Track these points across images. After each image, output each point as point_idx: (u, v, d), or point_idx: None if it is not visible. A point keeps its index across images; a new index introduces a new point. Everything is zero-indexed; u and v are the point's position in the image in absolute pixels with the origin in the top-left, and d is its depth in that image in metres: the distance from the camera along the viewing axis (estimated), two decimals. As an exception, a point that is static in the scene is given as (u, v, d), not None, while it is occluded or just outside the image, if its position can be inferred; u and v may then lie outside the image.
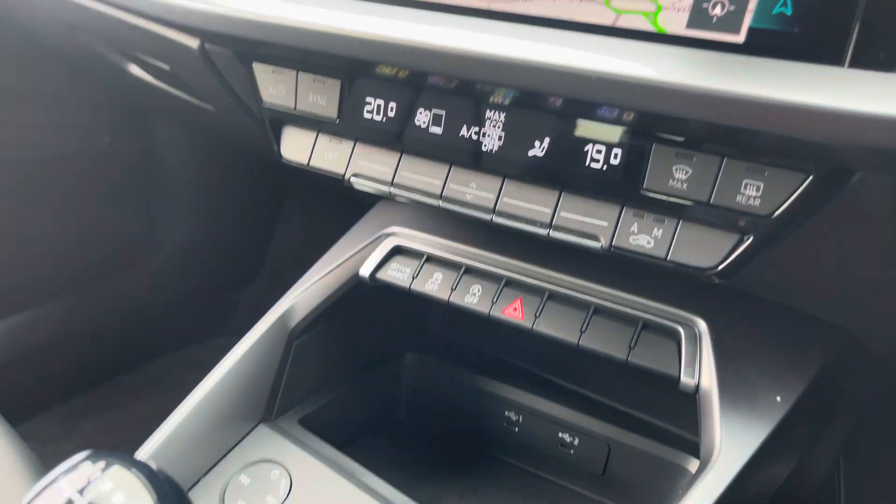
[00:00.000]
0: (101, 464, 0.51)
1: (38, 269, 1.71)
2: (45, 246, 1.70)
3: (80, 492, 0.49)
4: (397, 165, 0.81)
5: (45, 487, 0.50)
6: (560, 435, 1.01)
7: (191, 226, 1.96)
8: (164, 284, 1.96)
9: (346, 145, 0.84)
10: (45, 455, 1.00)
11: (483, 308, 0.86)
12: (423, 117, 0.76)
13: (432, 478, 1.02)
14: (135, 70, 1.20)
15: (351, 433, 1.03)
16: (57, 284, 1.76)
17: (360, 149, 0.83)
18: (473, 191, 0.76)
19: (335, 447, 0.88)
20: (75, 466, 0.51)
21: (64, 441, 1.73)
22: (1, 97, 1.51)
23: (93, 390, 1.90)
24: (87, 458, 0.52)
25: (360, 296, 0.96)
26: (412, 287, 0.90)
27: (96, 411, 1.84)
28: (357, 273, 0.94)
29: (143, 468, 0.52)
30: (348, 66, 0.79)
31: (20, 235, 1.64)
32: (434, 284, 0.90)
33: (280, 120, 0.89)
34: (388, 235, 0.96)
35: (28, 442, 1.02)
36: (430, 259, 0.92)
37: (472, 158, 0.75)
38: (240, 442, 0.87)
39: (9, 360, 1.69)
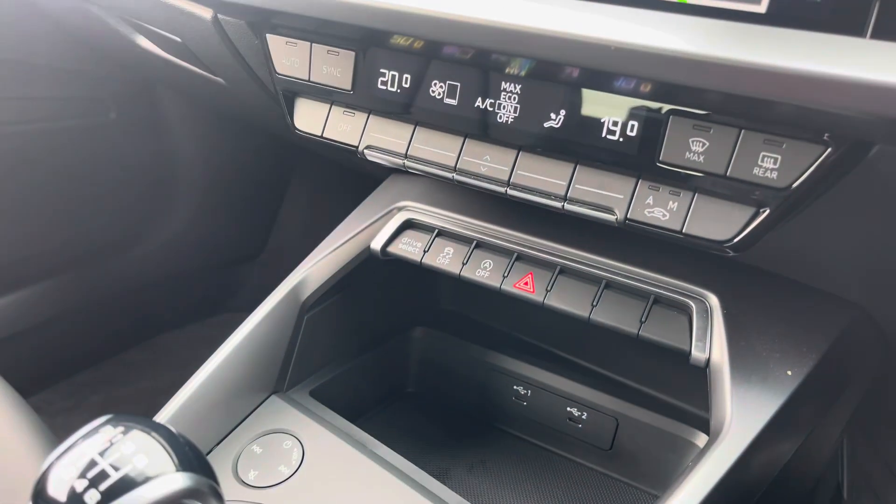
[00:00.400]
0: (122, 427, 0.52)
1: (46, 244, 1.72)
2: (53, 220, 1.70)
3: (102, 454, 0.49)
4: (411, 137, 0.81)
5: (67, 450, 0.50)
6: (568, 409, 1.01)
7: (197, 202, 1.96)
8: (171, 260, 1.97)
9: (360, 117, 0.84)
10: (54, 427, 1.01)
11: (494, 282, 0.86)
12: (437, 88, 0.76)
13: (441, 450, 1.03)
14: (144, 42, 1.19)
15: (361, 405, 1.03)
16: (64, 259, 1.76)
17: (374, 121, 0.83)
18: (488, 163, 0.76)
19: (346, 419, 0.89)
20: (96, 430, 0.51)
21: (73, 414, 1.74)
22: (7, 70, 1.51)
23: (101, 364, 1.91)
24: (107, 421, 0.52)
25: (371, 269, 0.96)
26: (423, 261, 0.91)
27: (104, 385, 1.86)
28: (368, 246, 0.94)
29: (163, 431, 0.52)
30: (363, 36, 0.79)
31: (27, 210, 1.64)
32: (445, 258, 0.90)
33: (293, 91, 0.88)
34: (399, 209, 0.96)
35: (38, 414, 1.03)
36: (442, 233, 0.92)
37: (487, 130, 0.75)
38: (252, 412, 0.88)
39: (18, 333, 1.70)
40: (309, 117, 0.88)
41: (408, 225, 0.95)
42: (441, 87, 0.76)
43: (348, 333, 1.02)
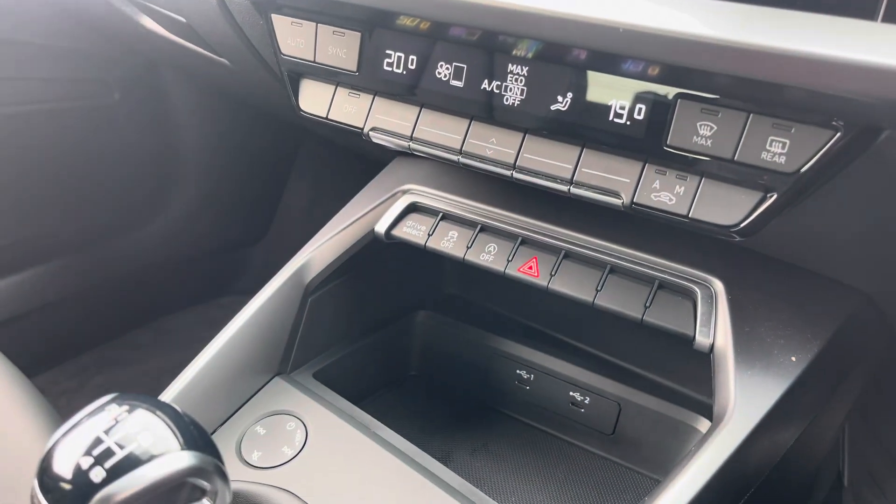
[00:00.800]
0: (127, 406, 0.52)
1: (50, 226, 1.72)
2: (56, 202, 1.70)
3: (107, 432, 0.49)
4: (416, 119, 0.80)
5: (73, 428, 0.51)
6: (571, 394, 1.02)
7: (200, 184, 1.96)
8: (175, 242, 1.97)
9: (366, 98, 0.84)
10: (59, 408, 1.02)
11: (498, 266, 0.86)
12: (444, 70, 0.75)
13: (443, 433, 1.03)
14: (149, 23, 1.19)
15: (364, 388, 1.04)
16: (68, 241, 1.76)
17: (379, 102, 0.83)
18: (493, 146, 0.76)
19: (349, 401, 0.89)
20: (102, 408, 0.52)
21: (77, 394, 1.75)
22: (10, 51, 1.50)
23: (105, 345, 1.92)
24: (112, 400, 0.52)
25: (375, 252, 0.96)
26: (427, 244, 0.90)
27: (108, 366, 1.87)
28: (373, 230, 0.94)
29: (168, 410, 0.52)
30: (369, 17, 0.78)
31: (31, 192, 1.64)
32: (449, 242, 0.90)
33: (298, 72, 0.88)
34: (404, 192, 0.96)
35: (42, 395, 1.04)
36: (446, 217, 0.92)
37: (493, 113, 0.74)
38: (256, 394, 0.88)
39: (22, 314, 1.71)
40: (314, 99, 0.88)
41: (412, 208, 0.95)
42: (447, 68, 0.75)
43: (352, 316, 1.02)
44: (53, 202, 1.69)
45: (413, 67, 0.77)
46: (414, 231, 0.92)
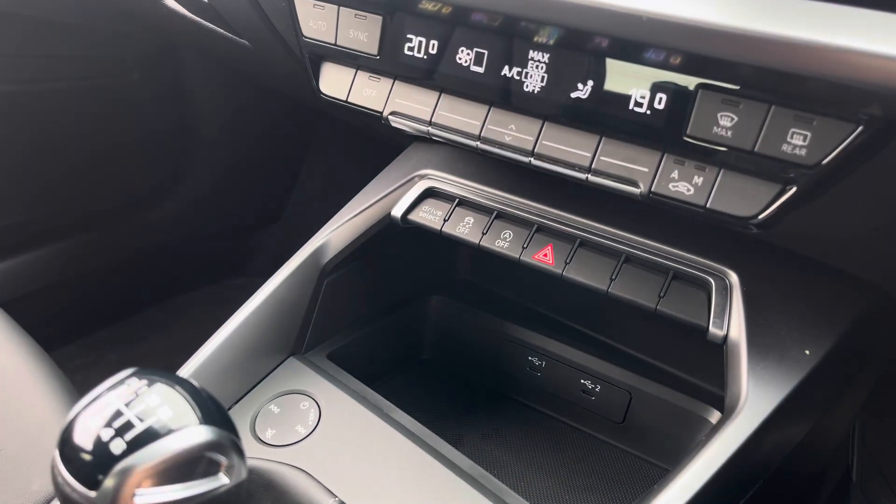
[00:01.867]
0: (146, 380, 0.53)
1: (67, 202, 1.74)
2: (74, 179, 1.71)
3: (128, 405, 0.50)
4: (436, 104, 0.81)
5: (94, 400, 0.52)
6: (582, 381, 1.02)
7: (216, 165, 1.97)
8: (190, 221, 1.99)
9: (385, 83, 0.84)
10: (74, 383, 1.03)
11: (513, 253, 0.86)
12: (464, 55, 0.75)
13: (455, 417, 1.04)
14: (170, 2, 1.19)
15: (376, 370, 1.05)
16: (84, 218, 1.78)
17: (399, 87, 0.83)
18: (512, 132, 0.76)
19: (362, 382, 0.90)
20: (122, 381, 0.52)
21: (92, 370, 1.77)
22: (29, 28, 1.51)
23: (119, 323, 1.94)
24: (132, 374, 0.53)
25: (390, 236, 0.97)
26: (443, 229, 0.91)
27: (123, 342, 1.89)
28: (389, 214, 0.94)
29: (187, 385, 0.53)
30: (391, 0, 0.78)
31: (48, 168, 1.66)
32: (465, 228, 0.90)
33: (319, 55, 0.88)
34: (421, 177, 0.96)
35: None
36: (462, 202, 0.92)
37: (513, 99, 0.74)
38: (271, 373, 0.89)
39: (38, 290, 1.73)
40: (334, 82, 0.88)
41: (429, 193, 0.95)
42: (468, 54, 0.75)
43: (366, 299, 1.03)
44: (70, 179, 1.71)
45: (434, 52, 0.77)
46: (430, 216, 0.93)
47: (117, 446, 0.48)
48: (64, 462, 0.49)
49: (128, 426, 0.49)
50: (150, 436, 0.48)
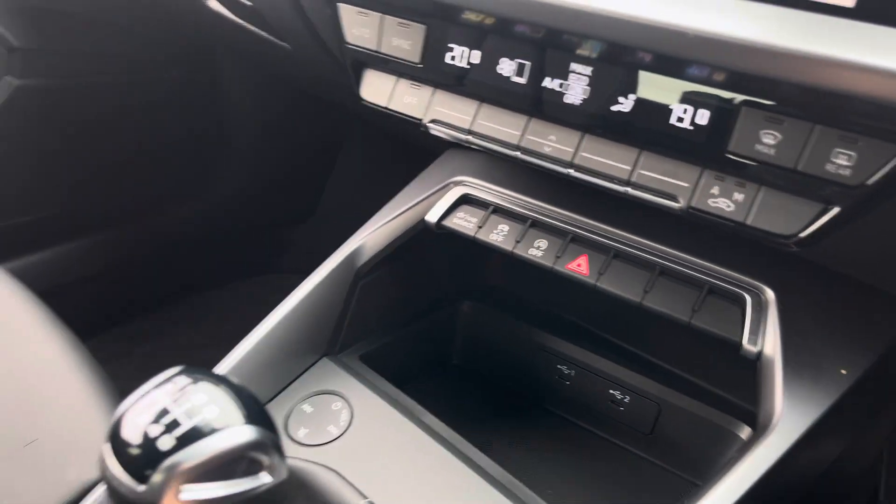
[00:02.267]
0: (192, 379, 0.54)
1: (103, 196, 1.77)
2: (108, 173, 1.75)
3: (175, 402, 0.52)
4: (476, 113, 0.81)
5: (141, 397, 0.53)
6: (611, 392, 1.02)
7: (249, 163, 2.00)
8: (222, 217, 2.02)
9: (426, 91, 0.85)
10: (108, 373, 1.06)
11: (547, 262, 0.86)
12: (506, 66, 0.76)
13: (483, 423, 1.05)
14: (213, 4, 1.21)
15: (408, 373, 1.05)
16: (119, 211, 1.81)
17: (440, 95, 0.84)
18: (552, 143, 0.77)
19: (393, 384, 0.91)
20: (169, 379, 0.54)
21: (123, 360, 1.81)
22: (72, 25, 1.54)
23: (150, 316, 1.98)
24: (179, 372, 0.55)
25: (424, 241, 0.98)
26: (477, 236, 0.91)
27: (154, 335, 1.92)
28: (423, 219, 0.95)
29: (230, 384, 0.55)
30: (434, 10, 0.79)
31: (84, 162, 1.69)
32: (499, 235, 0.91)
33: (362, 62, 0.89)
34: (456, 184, 0.97)
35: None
36: (497, 210, 0.93)
37: (554, 110, 0.75)
38: (304, 372, 0.90)
39: (73, 282, 1.77)
40: (376, 88, 0.89)
41: (464, 200, 0.96)
42: (510, 64, 0.76)
43: (399, 302, 1.04)
44: (105, 174, 1.74)
45: (476, 62, 0.78)
46: (464, 223, 0.93)
47: (166, 442, 0.49)
48: (115, 455, 0.50)
49: (175, 423, 0.50)
50: (196, 433, 0.50)
